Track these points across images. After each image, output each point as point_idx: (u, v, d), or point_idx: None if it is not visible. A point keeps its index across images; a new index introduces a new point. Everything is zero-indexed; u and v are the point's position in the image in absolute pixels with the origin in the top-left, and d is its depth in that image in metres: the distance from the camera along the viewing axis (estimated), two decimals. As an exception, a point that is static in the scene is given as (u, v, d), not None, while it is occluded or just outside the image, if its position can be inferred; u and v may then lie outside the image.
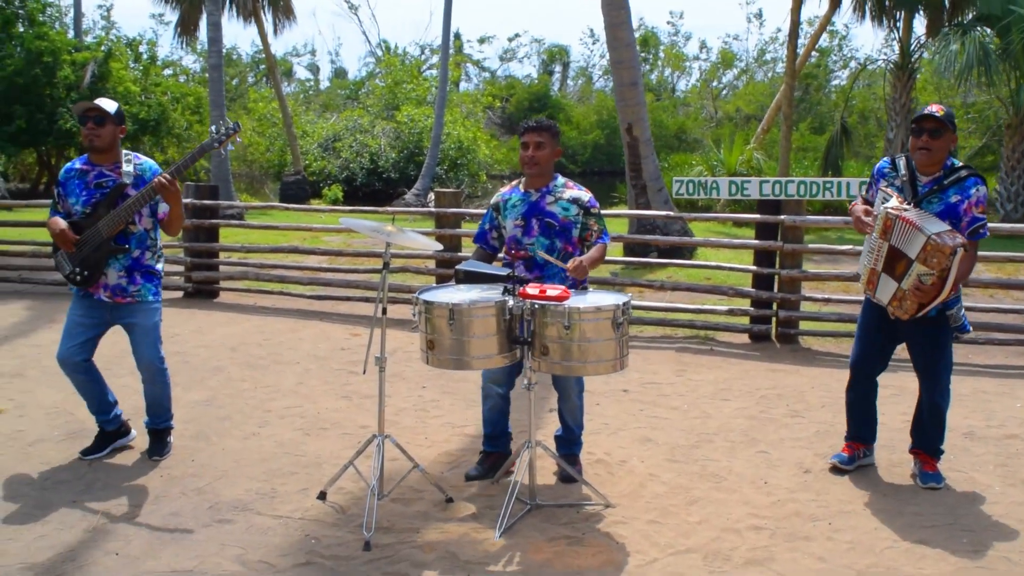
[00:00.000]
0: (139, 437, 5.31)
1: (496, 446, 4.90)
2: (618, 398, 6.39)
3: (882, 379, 5.05)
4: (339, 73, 67.16)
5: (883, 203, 4.55)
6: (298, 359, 7.42)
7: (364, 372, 4.77)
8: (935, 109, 4.53)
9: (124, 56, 27.32)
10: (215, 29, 18.49)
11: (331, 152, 32.88)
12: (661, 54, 65.45)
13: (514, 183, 4.86)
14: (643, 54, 66.10)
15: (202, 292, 10.17)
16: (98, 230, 4.75)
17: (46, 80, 24.01)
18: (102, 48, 25.93)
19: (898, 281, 4.45)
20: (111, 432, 5.17)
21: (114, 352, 6.19)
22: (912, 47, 19.97)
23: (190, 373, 6.87)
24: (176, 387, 5.65)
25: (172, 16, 28.09)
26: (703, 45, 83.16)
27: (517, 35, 69.67)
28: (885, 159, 4.81)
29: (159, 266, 5.11)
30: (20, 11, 25.61)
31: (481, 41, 66.22)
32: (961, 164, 4.61)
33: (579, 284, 4.65)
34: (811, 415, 5.98)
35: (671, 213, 11.05)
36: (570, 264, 4.44)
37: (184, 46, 29.89)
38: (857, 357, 4.94)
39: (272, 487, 4.67)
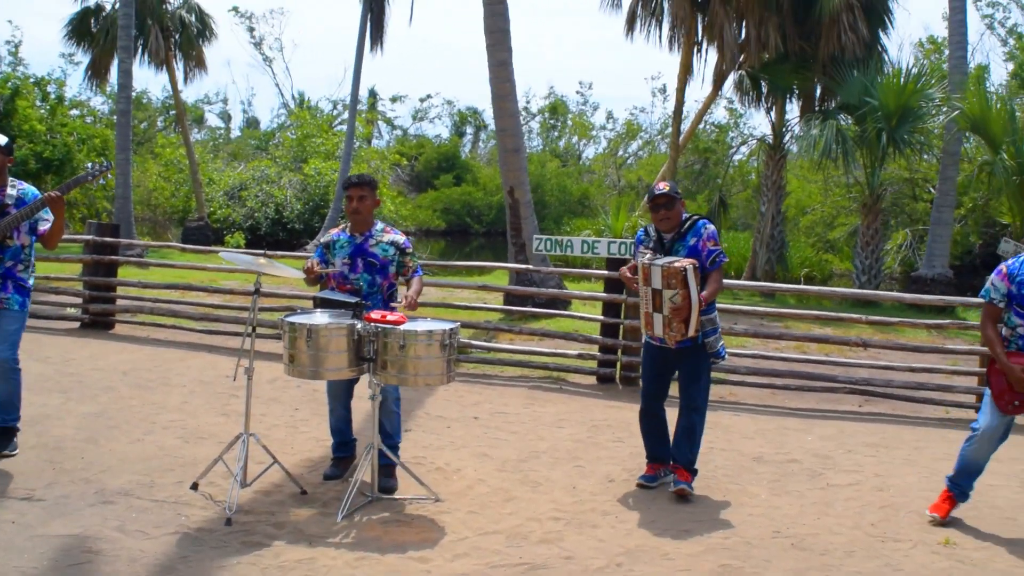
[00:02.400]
0: (29, 438, 5.99)
1: (344, 451, 5.77)
2: (468, 423, 7.30)
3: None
4: (251, 123, 67.42)
5: (642, 262, 5.63)
6: (185, 383, 8.14)
7: (234, 379, 5.58)
8: (663, 187, 5.67)
9: (31, 95, 27.53)
10: (125, 76, 19.10)
11: (237, 200, 33.32)
12: (569, 122, 67.73)
13: (341, 227, 5.74)
14: (551, 121, 68.36)
15: (98, 323, 10.78)
16: None
17: (-52, 115, 24.17)
18: (8, 85, 26.14)
19: (661, 312, 5.48)
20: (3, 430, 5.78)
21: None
22: (784, 130, 21.72)
23: (83, 390, 7.53)
24: (69, 401, 6.37)
25: (83, 57, 28.37)
26: (610, 115, 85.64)
27: (429, 96, 70.99)
28: (640, 230, 5.90)
29: (31, 281, 5.82)
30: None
31: (393, 100, 67.11)
32: (688, 215, 5.74)
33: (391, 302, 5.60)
34: (632, 441, 6.93)
35: (544, 268, 12.13)
36: (404, 302, 5.38)
37: (94, 88, 30.10)
38: (645, 391, 5.93)
39: (151, 479, 5.43)
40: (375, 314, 5.03)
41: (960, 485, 5.46)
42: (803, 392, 9.00)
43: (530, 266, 12.33)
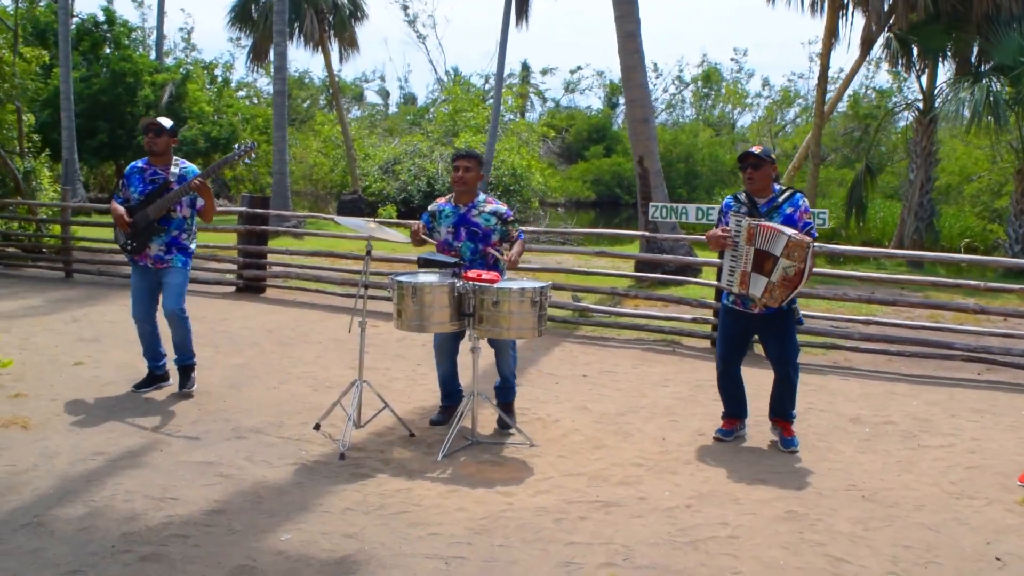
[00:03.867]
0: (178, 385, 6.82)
1: (451, 400, 6.30)
2: (576, 381, 7.73)
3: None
4: (408, 99, 69.43)
5: (736, 224, 5.83)
6: (321, 340, 8.91)
7: (349, 331, 6.20)
8: (755, 149, 5.85)
9: (201, 78, 29.49)
10: (280, 59, 20.30)
11: (391, 174, 34.61)
12: (723, 90, 66.53)
13: (447, 197, 6.24)
14: (704, 90, 67.32)
15: (251, 288, 11.77)
16: (146, 214, 6.34)
17: (128, 99, 26.18)
18: (180, 70, 28.09)
19: (768, 276, 5.68)
20: (158, 376, 6.81)
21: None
22: (936, 93, 20.94)
23: (231, 345, 8.39)
24: (219, 354, 7.19)
25: (247, 40, 30.13)
26: (766, 82, 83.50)
27: (579, 67, 71.16)
28: (729, 197, 6.08)
29: (192, 246, 6.71)
30: (107, 35, 27.92)
31: (544, 72, 67.76)
32: (785, 187, 5.90)
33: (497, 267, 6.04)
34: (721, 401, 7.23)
35: (675, 235, 12.38)
36: (507, 258, 5.86)
37: (256, 70, 31.89)
38: (723, 353, 6.16)
39: (281, 420, 6.13)
40: (472, 273, 5.52)
41: None
42: (921, 359, 8.98)
43: (658, 234, 12.61)
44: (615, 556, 4.18)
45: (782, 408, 6.08)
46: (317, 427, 5.95)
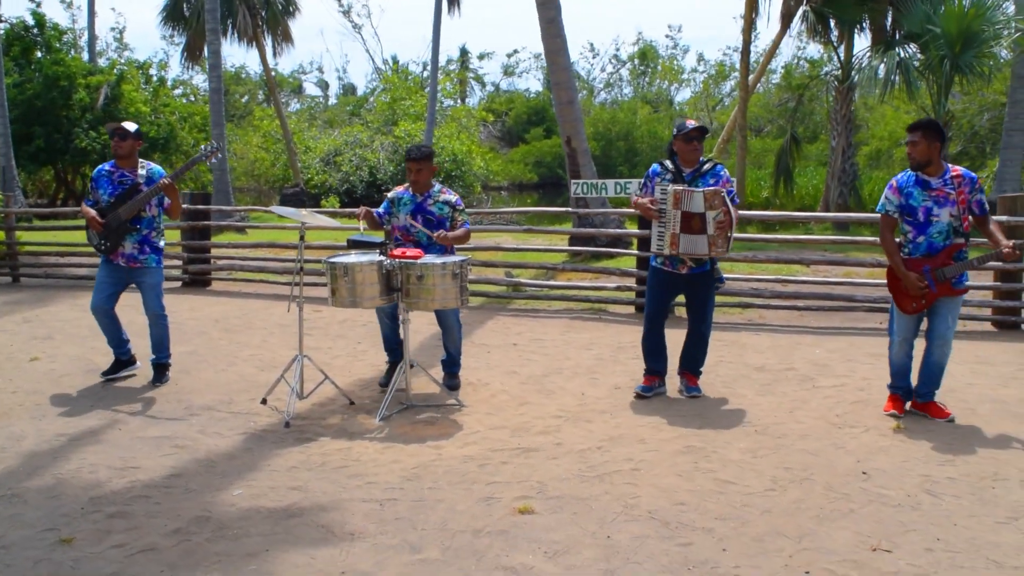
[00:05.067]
0: (138, 371, 7.27)
1: (394, 355, 6.82)
2: (506, 349, 8.31)
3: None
4: (348, 89, 69.35)
5: (661, 192, 6.41)
6: (266, 327, 9.39)
7: (288, 311, 6.70)
8: (693, 122, 6.43)
9: (135, 79, 29.43)
10: (215, 56, 20.56)
11: (332, 166, 34.85)
12: (659, 67, 67.40)
13: (405, 186, 6.77)
14: (641, 67, 68.09)
15: (197, 281, 12.18)
16: (118, 215, 6.77)
17: (63, 103, 26.12)
18: (115, 71, 28.03)
19: (703, 232, 6.24)
20: (124, 361, 7.24)
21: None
22: (852, 63, 21.79)
23: (180, 335, 8.83)
24: (170, 343, 7.59)
25: (180, 38, 30.16)
26: (700, 58, 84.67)
27: (516, 51, 71.77)
28: (655, 164, 6.66)
29: (161, 243, 7.14)
30: (38, 39, 27.79)
31: (481, 57, 68.15)
32: (706, 158, 6.51)
33: (447, 251, 6.57)
34: (639, 360, 7.83)
35: (604, 210, 12.98)
36: (436, 234, 6.40)
37: (191, 68, 31.90)
38: (652, 312, 6.78)
39: (230, 398, 6.63)
40: (397, 251, 6.06)
41: (900, 386, 6.22)
42: (829, 312, 9.71)
43: (588, 210, 13.21)
44: (530, 491, 4.77)
45: (693, 362, 6.71)
46: (264, 401, 6.46)
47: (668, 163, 6.53)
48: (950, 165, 5.93)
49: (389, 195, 6.82)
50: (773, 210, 23.07)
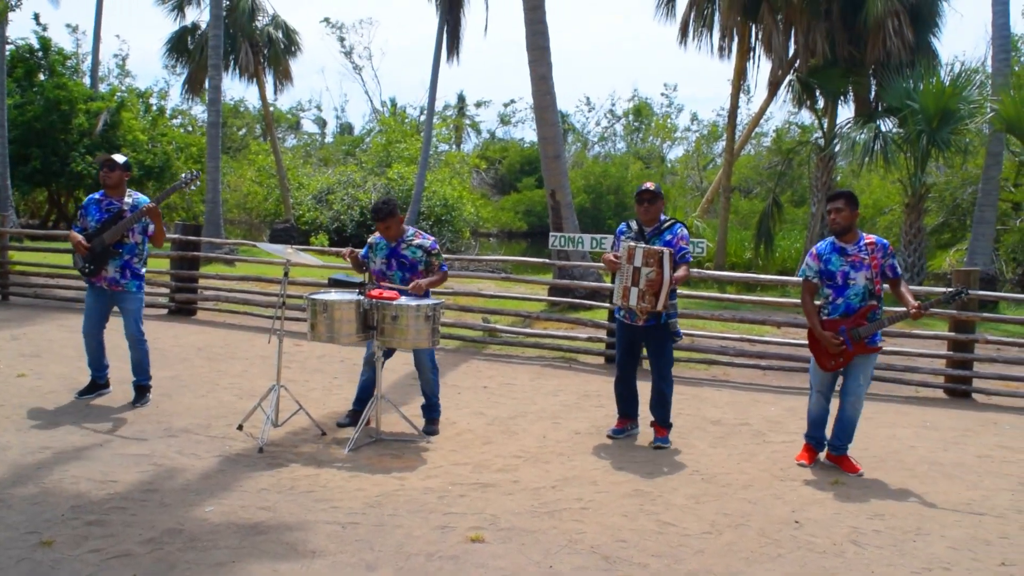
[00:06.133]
0: (120, 392, 7.58)
1: (361, 405, 7.16)
2: (476, 391, 8.66)
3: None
4: (344, 128, 70.14)
5: (624, 248, 6.83)
6: (248, 357, 9.72)
7: (268, 342, 7.05)
8: (649, 185, 6.89)
9: (135, 107, 29.93)
10: (215, 91, 21.05)
11: (324, 204, 35.33)
12: (652, 124, 68.54)
13: (378, 233, 7.15)
14: (635, 123, 69.16)
15: (183, 310, 12.51)
16: (102, 239, 7.13)
17: (62, 126, 26.56)
18: (115, 98, 28.51)
19: (638, 285, 6.69)
20: (100, 384, 7.60)
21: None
22: (835, 132, 22.45)
23: (163, 361, 9.14)
24: (152, 368, 7.93)
25: (183, 69, 30.72)
26: (694, 117, 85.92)
27: (512, 100, 72.69)
28: (623, 223, 7.11)
29: (143, 270, 7.49)
30: (43, 62, 28.29)
31: (478, 105, 69.14)
32: (668, 217, 6.96)
33: (424, 294, 6.94)
34: (610, 407, 8.15)
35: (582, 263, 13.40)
36: (410, 285, 6.76)
37: (191, 101, 32.43)
38: (620, 360, 7.15)
39: (208, 422, 6.95)
40: (375, 291, 6.43)
41: (814, 436, 6.73)
42: (790, 372, 10.09)
43: (569, 262, 13.63)
44: (483, 522, 5.10)
45: (660, 416, 7.07)
46: (240, 427, 6.78)
47: (633, 223, 6.98)
48: (864, 233, 6.49)
49: (369, 240, 7.20)
50: (755, 271, 23.62)
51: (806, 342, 10.28)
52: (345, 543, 4.69)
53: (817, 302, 6.64)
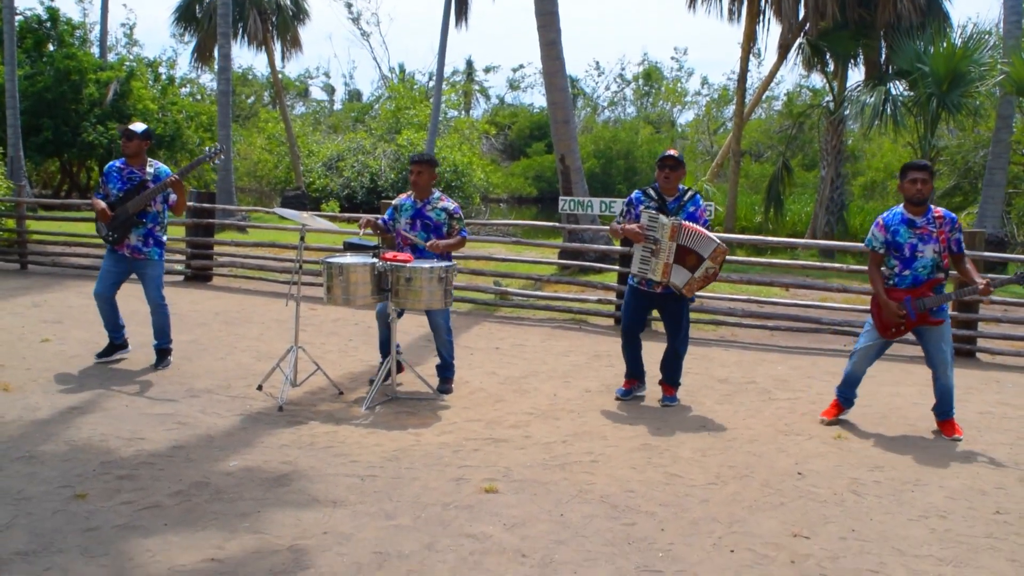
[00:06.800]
0: (142, 355, 7.80)
1: (386, 352, 7.32)
2: (489, 352, 8.85)
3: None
4: (353, 95, 70.03)
5: (650, 219, 6.87)
6: (264, 321, 9.93)
7: (286, 305, 7.24)
8: (672, 152, 6.97)
9: (144, 76, 30.00)
10: (224, 59, 21.12)
11: (334, 171, 35.47)
12: (663, 88, 68.19)
13: (408, 193, 7.31)
14: (645, 88, 68.82)
15: (199, 277, 12.72)
16: (126, 209, 7.31)
17: (72, 96, 26.69)
18: (124, 67, 28.60)
19: (691, 271, 6.75)
20: (117, 345, 7.81)
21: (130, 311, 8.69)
22: (844, 96, 22.41)
23: (182, 325, 9.35)
24: (172, 332, 8.14)
25: (191, 38, 30.76)
26: (705, 81, 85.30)
27: (521, 66, 72.58)
28: (637, 191, 7.13)
29: (164, 237, 7.68)
30: (51, 32, 28.38)
31: (487, 70, 68.96)
32: (686, 187, 7.04)
33: (441, 256, 7.10)
34: (620, 367, 8.29)
35: (591, 226, 13.52)
36: (428, 243, 6.93)
37: (200, 69, 32.49)
38: (629, 323, 7.27)
39: (228, 383, 7.16)
40: (389, 254, 6.61)
41: (844, 394, 6.78)
42: (797, 333, 10.25)
43: (579, 225, 13.76)
44: (496, 474, 5.30)
45: (670, 376, 7.22)
46: (260, 387, 6.99)
47: (651, 191, 7.02)
48: (932, 205, 6.43)
49: (393, 202, 7.37)
50: (765, 235, 23.68)
51: (812, 303, 10.52)
52: (365, 494, 4.89)
53: (883, 270, 6.60)
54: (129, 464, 5.21)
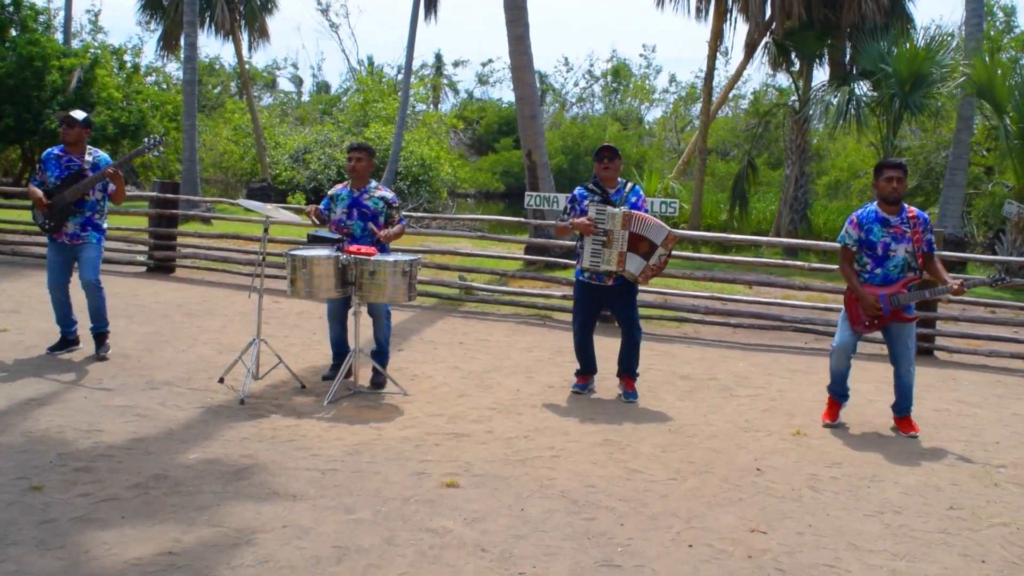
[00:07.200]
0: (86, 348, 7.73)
1: (340, 359, 7.33)
2: (452, 347, 8.85)
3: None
4: (321, 87, 69.58)
5: (598, 212, 6.94)
6: (227, 313, 9.86)
7: (249, 296, 7.19)
8: (609, 144, 7.04)
9: (109, 64, 29.56)
10: (191, 48, 20.90)
11: (301, 163, 35.17)
12: (631, 85, 68.39)
13: (344, 184, 7.30)
14: (613, 84, 68.99)
15: (162, 268, 12.60)
16: (63, 197, 7.23)
17: (35, 83, 26.19)
18: (88, 54, 28.18)
19: (646, 259, 6.85)
20: (70, 340, 7.70)
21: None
22: (809, 95, 22.62)
23: (144, 317, 9.27)
24: (132, 323, 8.09)
25: (157, 26, 30.40)
26: (672, 78, 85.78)
27: (490, 60, 72.45)
28: (579, 188, 7.19)
29: (104, 224, 7.60)
30: (14, 17, 27.86)
31: (456, 64, 68.82)
32: (625, 180, 7.11)
33: (386, 249, 7.10)
34: (576, 363, 8.40)
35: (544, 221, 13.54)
36: (381, 233, 6.93)
37: (166, 58, 32.13)
38: (582, 321, 7.32)
39: (189, 376, 7.10)
40: (353, 247, 6.59)
41: (836, 391, 6.86)
42: (759, 330, 10.35)
43: (544, 221, 13.78)
44: (457, 468, 5.31)
45: (628, 366, 7.27)
46: (221, 380, 6.94)
47: (592, 186, 7.09)
48: (906, 205, 6.51)
49: (329, 192, 7.35)
50: (731, 232, 23.86)
51: (775, 300, 10.62)
52: (325, 488, 4.88)
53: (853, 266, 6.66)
54: (87, 456, 5.16)
